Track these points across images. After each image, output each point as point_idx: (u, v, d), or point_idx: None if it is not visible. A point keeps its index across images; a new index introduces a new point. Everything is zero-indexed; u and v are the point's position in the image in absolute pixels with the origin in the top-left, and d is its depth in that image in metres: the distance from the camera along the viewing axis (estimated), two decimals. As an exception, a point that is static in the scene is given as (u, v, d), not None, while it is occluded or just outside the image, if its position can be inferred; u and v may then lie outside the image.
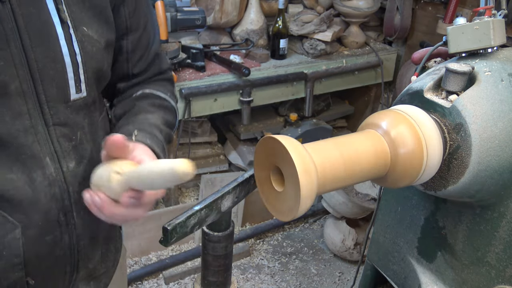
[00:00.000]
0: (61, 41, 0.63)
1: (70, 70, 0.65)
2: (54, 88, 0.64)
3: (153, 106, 0.82)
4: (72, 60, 0.65)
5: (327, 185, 0.73)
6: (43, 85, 0.62)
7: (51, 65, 0.62)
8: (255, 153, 0.78)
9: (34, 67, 0.61)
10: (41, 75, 0.62)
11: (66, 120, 0.67)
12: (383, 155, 0.77)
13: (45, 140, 0.65)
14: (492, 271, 0.85)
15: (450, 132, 0.79)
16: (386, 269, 1.13)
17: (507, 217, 0.81)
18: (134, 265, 2.15)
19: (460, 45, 0.83)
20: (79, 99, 0.68)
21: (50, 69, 0.62)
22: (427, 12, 2.29)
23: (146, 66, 0.85)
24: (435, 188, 0.83)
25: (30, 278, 0.71)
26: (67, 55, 0.64)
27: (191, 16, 1.78)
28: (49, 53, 0.62)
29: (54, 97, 0.64)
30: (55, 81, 0.63)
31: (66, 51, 0.64)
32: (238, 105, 2.03)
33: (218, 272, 0.90)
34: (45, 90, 0.63)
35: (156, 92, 0.84)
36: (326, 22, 2.17)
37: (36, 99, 0.62)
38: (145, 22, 0.82)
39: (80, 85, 0.67)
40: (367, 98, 2.66)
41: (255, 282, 2.13)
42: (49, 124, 0.65)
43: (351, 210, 2.16)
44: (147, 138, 0.71)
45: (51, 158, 0.66)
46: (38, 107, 0.63)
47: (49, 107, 0.64)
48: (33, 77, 0.61)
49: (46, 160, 0.65)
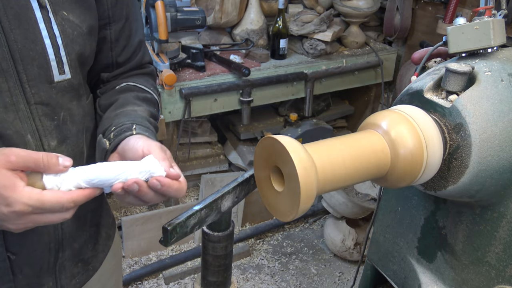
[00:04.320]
0: (40, 24, 0.66)
1: (51, 52, 0.67)
2: (35, 68, 0.66)
3: (138, 99, 0.84)
4: (53, 42, 0.67)
5: (327, 185, 0.73)
6: (23, 64, 0.64)
7: (30, 46, 0.65)
8: (255, 153, 0.78)
9: (14, 47, 0.63)
10: (21, 55, 0.64)
11: (49, 100, 0.69)
12: (383, 155, 0.77)
13: (26, 117, 0.66)
14: (492, 271, 0.85)
15: (450, 132, 0.79)
16: (386, 269, 1.13)
17: (507, 217, 0.81)
18: (134, 265, 2.15)
19: (460, 45, 0.83)
20: (63, 80, 0.70)
21: (30, 50, 0.65)
22: (427, 12, 2.29)
23: (130, 55, 0.88)
24: (435, 188, 0.83)
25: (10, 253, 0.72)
26: (46, 38, 0.66)
27: (191, 16, 1.78)
28: (29, 35, 0.64)
29: (36, 76, 0.66)
30: (36, 61, 0.66)
31: (46, 34, 0.66)
32: (238, 105, 2.03)
33: (218, 272, 0.90)
34: (25, 69, 0.65)
35: (139, 85, 0.87)
36: (326, 22, 2.17)
37: (17, 77, 0.64)
38: (127, 12, 0.84)
39: (63, 67, 0.70)
40: (367, 98, 2.66)
41: (255, 282, 2.13)
42: (30, 103, 0.66)
43: (351, 210, 2.16)
44: (145, 131, 0.74)
45: (33, 136, 0.68)
46: (19, 86, 0.65)
47: (30, 86, 0.66)
48: (13, 57, 0.63)
49: (28, 137, 0.67)
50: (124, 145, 0.71)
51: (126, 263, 2.15)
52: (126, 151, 0.70)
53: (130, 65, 0.89)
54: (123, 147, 0.71)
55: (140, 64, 0.91)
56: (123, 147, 0.71)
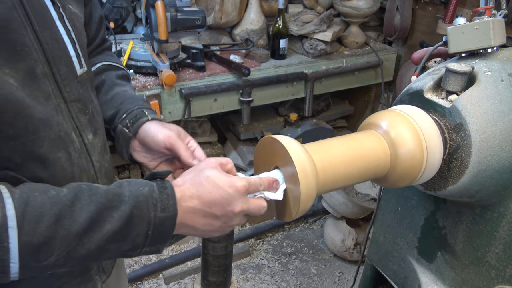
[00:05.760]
0: (57, 22, 0.67)
1: (71, 48, 0.69)
2: (64, 66, 0.67)
3: (120, 78, 0.91)
4: (70, 38, 0.69)
5: (327, 185, 0.73)
6: (56, 65, 0.65)
7: (56, 45, 0.65)
8: (255, 153, 0.78)
9: (47, 49, 0.64)
10: (52, 56, 0.65)
11: (79, 96, 0.71)
12: (383, 155, 0.77)
13: (68, 116, 0.68)
14: (492, 271, 0.85)
15: (450, 132, 0.79)
16: (386, 269, 1.13)
17: (507, 217, 0.81)
18: (134, 265, 2.15)
19: (460, 45, 0.83)
20: (83, 73, 0.72)
21: (57, 50, 0.66)
22: (427, 12, 2.29)
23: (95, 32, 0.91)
24: (435, 188, 0.83)
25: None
26: (64, 34, 0.68)
27: (191, 16, 1.78)
28: (53, 35, 0.65)
29: (66, 75, 0.67)
30: (62, 60, 0.67)
31: (63, 31, 0.67)
32: (238, 105, 2.03)
33: (218, 272, 0.90)
34: (58, 69, 0.66)
35: (113, 63, 0.92)
36: (326, 22, 2.17)
37: (53, 79, 0.65)
38: None
39: (81, 60, 0.72)
40: (367, 98, 2.66)
41: (255, 282, 2.13)
42: (67, 101, 0.68)
43: (351, 210, 2.16)
44: (154, 113, 0.82)
45: (75, 133, 0.70)
46: (56, 87, 0.66)
47: (64, 85, 0.67)
48: (47, 59, 0.64)
49: (73, 135, 0.69)
50: (145, 133, 0.79)
51: (126, 263, 2.15)
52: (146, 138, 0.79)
53: (97, 42, 0.92)
54: (145, 135, 0.79)
55: (103, 39, 0.94)
56: (145, 135, 0.79)
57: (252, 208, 0.66)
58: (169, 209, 0.62)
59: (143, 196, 0.61)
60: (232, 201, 0.64)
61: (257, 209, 0.67)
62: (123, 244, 0.60)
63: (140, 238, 0.61)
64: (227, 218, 0.65)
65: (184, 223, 0.64)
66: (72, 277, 0.74)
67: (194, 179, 0.65)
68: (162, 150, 0.79)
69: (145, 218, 0.60)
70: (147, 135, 0.79)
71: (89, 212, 0.56)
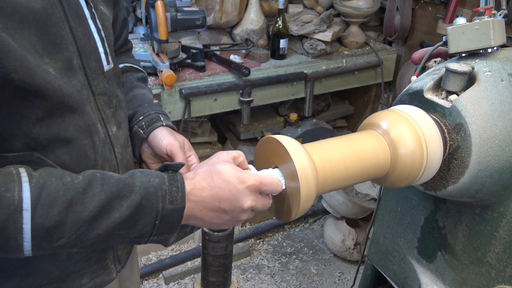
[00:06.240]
0: (89, 20, 0.72)
1: (100, 45, 0.74)
2: (93, 61, 0.72)
3: (140, 81, 0.97)
4: (99, 35, 0.74)
5: (327, 185, 0.73)
6: (87, 59, 0.70)
7: (87, 41, 0.71)
8: (255, 153, 0.78)
9: (80, 44, 0.69)
10: (84, 51, 0.70)
11: (105, 90, 0.75)
12: (383, 155, 0.77)
13: (95, 108, 0.73)
14: (492, 271, 0.85)
15: (450, 132, 0.79)
16: (386, 269, 1.13)
17: (507, 217, 0.81)
18: (134, 265, 2.16)
19: (460, 45, 0.83)
20: (109, 70, 0.77)
21: (88, 45, 0.71)
22: (427, 12, 2.29)
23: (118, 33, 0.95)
24: (435, 188, 0.83)
25: None
26: (95, 32, 0.73)
27: (191, 16, 1.78)
28: (85, 31, 0.70)
29: (95, 69, 0.72)
30: (92, 55, 0.72)
31: (94, 28, 0.73)
32: (238, 105, 2.03)
33: (218, 272, 0.90)
34: (88, 64, 0.71)
35: (133, 65, 0.98)
36: (326, 22, 2.17)
37: (83, 72, 0.70)
38: None
39: (108, 57, 0.76)
40: (367, 98, 2.66)
41: (255, 282, 2.13)
42: (95, 94, 0.73)
43: (351, 210, 2.16)
44: (168, 119, 0.88)
45: (101, 124, 0.74)
46: (86, 80, 0.71)
47: (92, 78, 0.72)
48: (80, 53, 0.69)
49: (98, 126, 0.73)
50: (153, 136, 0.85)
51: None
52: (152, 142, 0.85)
53: (120, 42, 0.97)
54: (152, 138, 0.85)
55: (126, 40, 1.00)
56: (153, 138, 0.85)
57: (260, 205, 0.67)
58: (178, 202, 0.64)
59: (153, 187, 0.63)
60: (241, 197, 0.65)
61: (263, 205, 0.68)
62: (130, 231, 0.63)
63: (147, 227, 0.63)
64: (235, 213, 0.66)
65: (192, 215, 0.66)
66: (89, 263, 0.77)
67: (205, 173, 0.67)
68: (163, 156, 0.84)
69: (153, 208, 0.63)
70: (154, 139, 0.85)
71: (100, 200, 0.60)
